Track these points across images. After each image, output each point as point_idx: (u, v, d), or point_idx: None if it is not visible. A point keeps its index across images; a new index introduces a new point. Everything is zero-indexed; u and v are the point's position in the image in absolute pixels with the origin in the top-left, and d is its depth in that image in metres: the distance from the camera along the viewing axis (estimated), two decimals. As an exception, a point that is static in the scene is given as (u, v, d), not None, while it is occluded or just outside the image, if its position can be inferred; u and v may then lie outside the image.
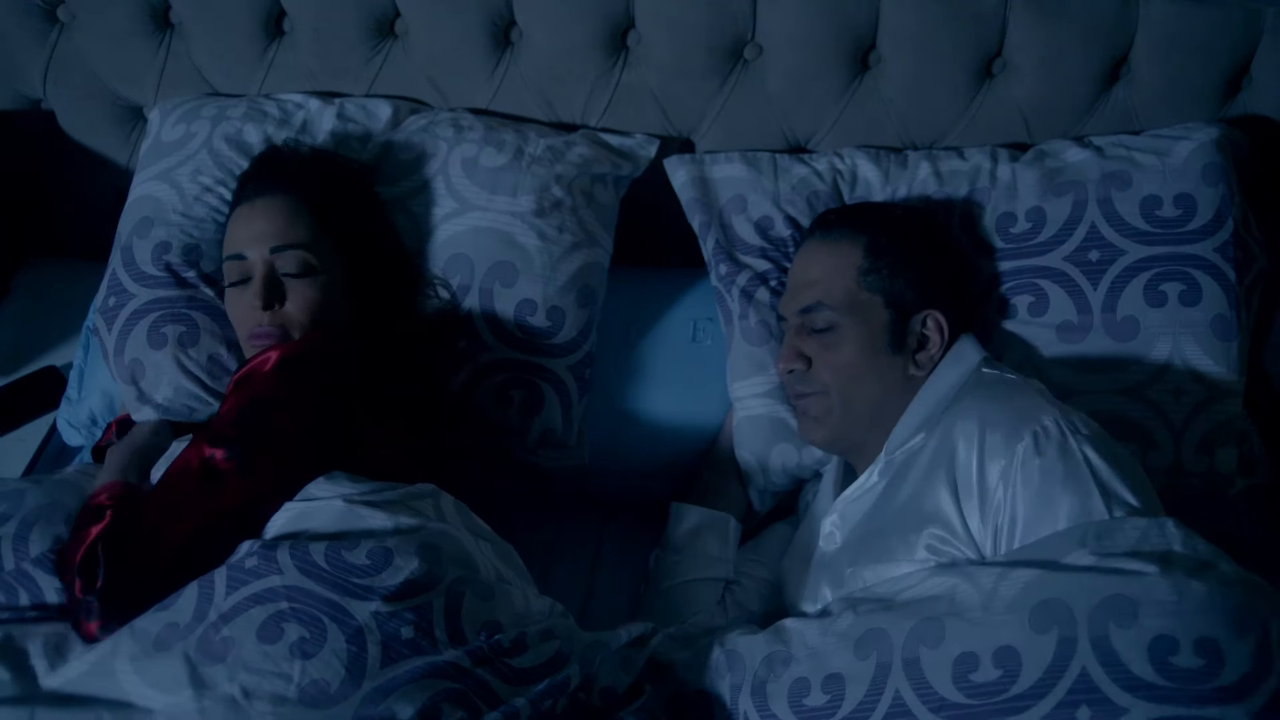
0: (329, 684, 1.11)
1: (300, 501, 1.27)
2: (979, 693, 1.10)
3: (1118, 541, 1.16)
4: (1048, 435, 1.25)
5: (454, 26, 1.69)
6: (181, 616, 1.17)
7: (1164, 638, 1.06)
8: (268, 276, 1.44)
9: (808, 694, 1.20)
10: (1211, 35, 1.60)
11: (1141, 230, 1.53)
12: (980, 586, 1.16)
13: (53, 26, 1.77)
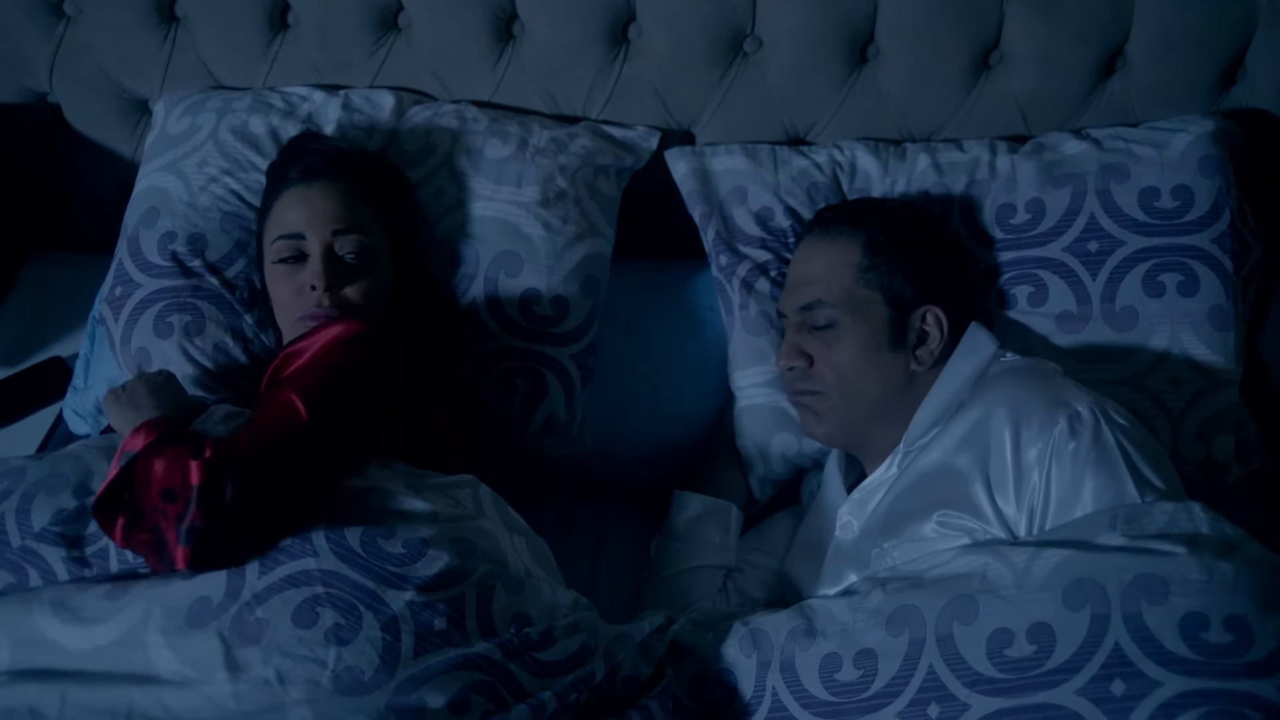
0: (363, 671, 1.13)
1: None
2: (1014, 667, 1.13)
3: (1147, 524, 1.19)
4: (1082, 421, 1.28)
5: (456, 19, 1.70)
6: (214, 591, 1.17)
7: (1195, 614, 1.10)
8: (329, 257, 1.45)
9: (839, 669, 1.23)
10: (1206, 28, 1.62)
11: (1140, 221, 1.55)
12: (1013, 565, 1.19)
13: (59, 20, 1.78)
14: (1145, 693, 1.07)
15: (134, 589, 1.20)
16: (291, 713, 1.11)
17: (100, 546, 1.29)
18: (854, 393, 1.46)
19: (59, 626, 1.18)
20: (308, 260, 1.45)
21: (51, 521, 1.29)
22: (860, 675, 1.21)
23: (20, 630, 1.19)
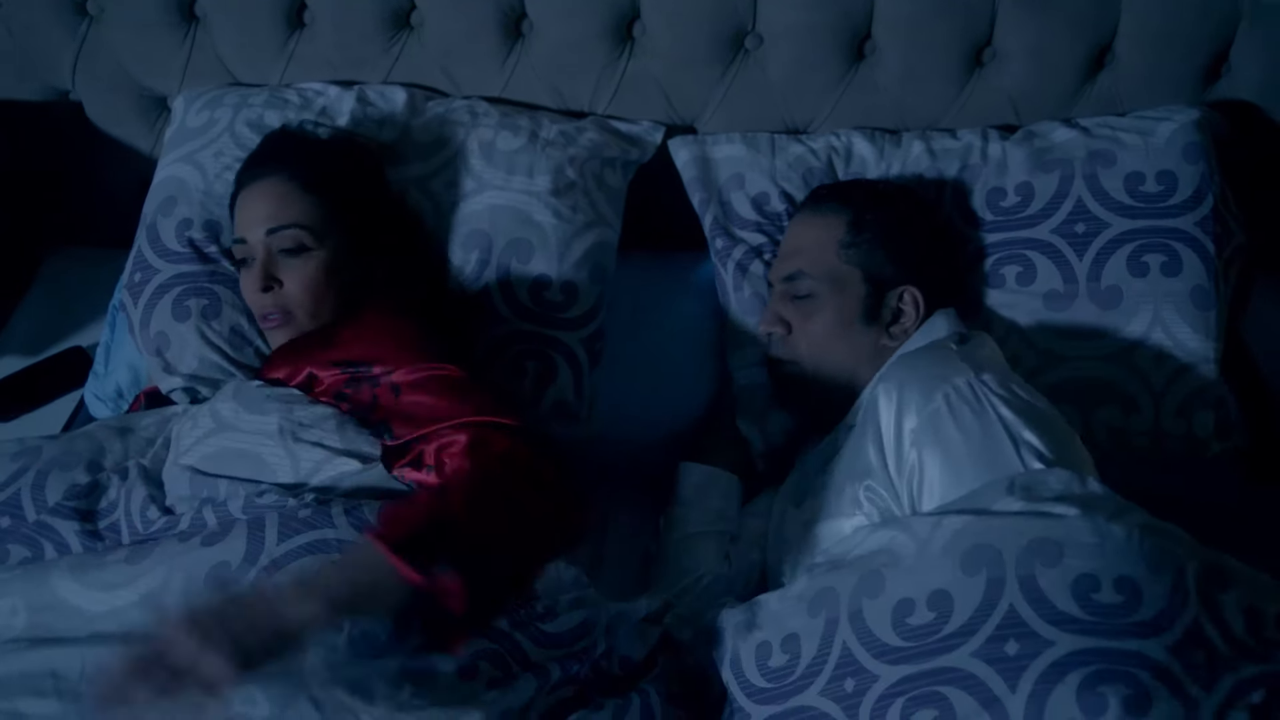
0: (378, 636, 1.15)
1: (348, 457, 1.32)
2: (915, 635, 1.16)
3: (1042, 490, 1.22)
4: (959, 394, 1.32)
5: (467, 18, 1.76)
6: (232, 556, 1.21)
7: (1086, 576, 1.13)
8: (265, 260, 1.49)
9: (770, 656, 1.27)
10: (1192, 23, 1.68)
11: (1125, 204, 1.60)
12: (916, 536, 1.23)
13: (82, 19, 1.84)
14: (1038, 652, 1.10)
15: (153, 554, 1.24)
16: (311, 674, 1.12)
17: (113, 521, 1.35)
18: (821, 362, 1.53)
19: (80, 591, 1.22)
20: (252, 264, 1.50)
21: (65, 496, 1.35)
22: (788, 659, 1.25)
23: (38, 596, 1.23)
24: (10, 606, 1.23)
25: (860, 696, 1.17)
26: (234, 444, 1.36)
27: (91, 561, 1.26)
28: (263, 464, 1.34)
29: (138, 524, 1.34)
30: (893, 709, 1.14)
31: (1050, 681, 1.08)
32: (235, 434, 1.37)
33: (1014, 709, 1.08)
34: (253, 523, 1.24)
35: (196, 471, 1.35)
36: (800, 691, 1.22)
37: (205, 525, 1.28)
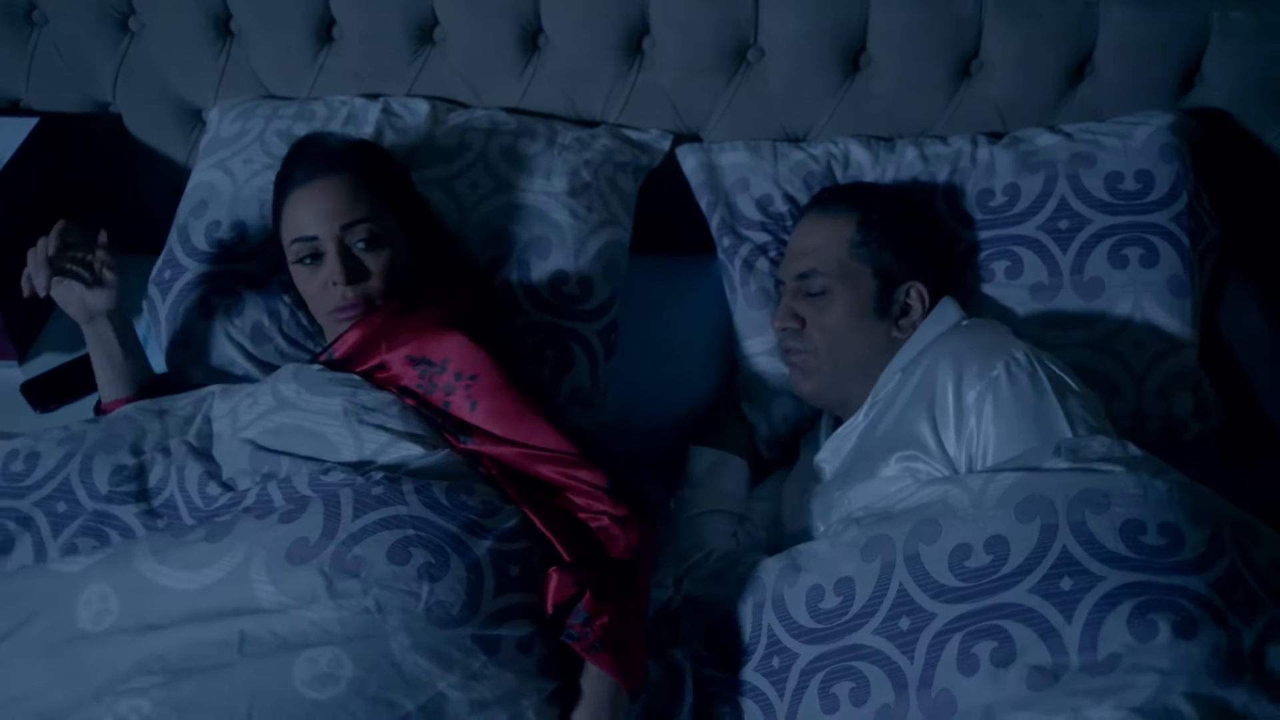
0: (451, 606, 1.24)
1: (411, 441, 1.40)
2: (973, 576, 1.26)
3: (1088, 452, 1.32)
4: (1019, 365, 1.43)
5: (487, 33, 1.88)
6: (310, 532, 1.27)
7: (1133, 521, 1.23)
8: (343, 253, 1.53)
9: (822, 598, 1.36)
10: (1166, 36, 1.79)
11: (1106, 202, 1.71)
12: (970, 489, 1.32)
13: (124, 35, 1.95)
14: (1090, 586, 1.19)
15: (232, 532, 1.30)
16: (392, 639, 1.22)
17: (166, 497, 1.42)
18: (839, 354, 1.61)
19: (166, 572, 1.28)
20: (325, 258, 1.54)
21: (113, 481, 1.41)
22: (841, 601, 1.34)
23: (125, 581, 1.29)
24: (100, 594, 1.29)
25: (916, 634, 1.26)
26: (296, 421, 1.43)
27: (171, 542, 1.32)
28: (326, 442, 1.41)
29: (197, 500, 1.40)
30: (950, 643, 1.23)
31: (1103, 611, 1.18)
32: (298, 412, 1.44)
33: (1070, 638, 1.18)
34: (328, 499, 1.30)
35: (257, 447, 1.42)
36: (854, 631, 1.31)
37: (272, 501, 1.34)
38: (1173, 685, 1.13)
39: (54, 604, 1.30)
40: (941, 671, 1.23)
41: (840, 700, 1.29)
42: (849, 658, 1.31)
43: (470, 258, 1.75)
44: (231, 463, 1.43)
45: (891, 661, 1.27)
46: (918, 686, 1.24)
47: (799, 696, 1.33)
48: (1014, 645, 1.20)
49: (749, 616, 1.42)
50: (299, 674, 1.21)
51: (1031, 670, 1.19)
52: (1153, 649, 1.15)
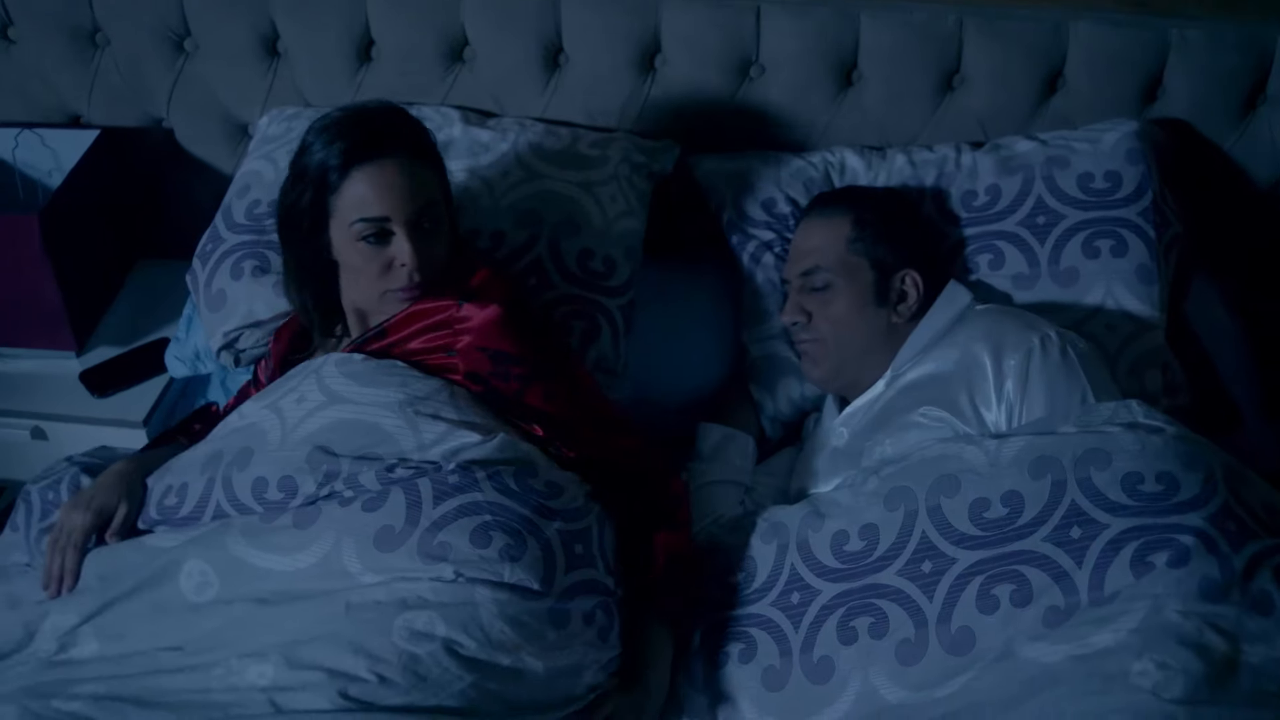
0: (531, 583, 1.37)
1: (467, 429, 1.49)
2: (992, 526, 1.41)
3: (1094, 418, 1.48)
4: (1051, 341, 1.60)
5: (513, 52, 2.05)
6: (395, 520, 1.37)
7: (1133, 473, 1.39)
8: (415, 236, 1.54)
9: (847, 542, 1.50)
10: (1130, 52, 1.96)
11: (1079, 199, 1.87)
12: (985, 449, 1.48)
13: (179, 55, 2.13)
14: (1097, 534, 1.35)
15: (319, 519, 1.40)
16: (481, 607, 1.34)
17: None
18: (845, 340, 1.77)
19: (259, 555, 1.40)
20: (393, 239, 1.54)
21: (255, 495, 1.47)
22: (865, 545, 1.48)
23: (221, 561, 1.41)
24: (200, 569, 1.41)
25: (938, 577, 1.40)
26: (350, 415, 1.49)
27: (260, 527, 1.42)
28: (382, 433, 1.47)
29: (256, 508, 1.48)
30: (971, 586, 1.38)
31: (1109, 555, 1.33)
32: (351, 405, 1.50)
33: (1080, 580, 1.33)
34: (408, 488, 1.40)
35: (316, 447, 1.47)
36: (877, 571, 1.45)
37: (354, 490, 1.42)
38: (1166, 606, 1.28)
39: (157, 575, 1.44)
40: (961, 610, 1.37)
41: (859, 633, 1.43)
42: (870, 595, 1.44)
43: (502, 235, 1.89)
44: (288, 464, 1.47)
45: (912, 601, 1.41)
46: (936, 623, 1.38)
47: (816, 629, 1.46)
48: (1031, 588, 1.35)
49: (771, 557, 1.55)
50: (398, 630, 1.32)
51: (1048, 610, 1.33)
52: (1148, 580, 1.30)
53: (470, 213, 1.91)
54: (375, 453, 1.46)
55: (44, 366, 2.09)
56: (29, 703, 1.37)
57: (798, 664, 1.46)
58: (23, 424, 2.02)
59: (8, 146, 2.15)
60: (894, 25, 1.98)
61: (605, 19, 2.02)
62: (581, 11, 2.02)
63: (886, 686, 1.39)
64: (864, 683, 1.41)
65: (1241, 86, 1.98)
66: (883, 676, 1.40)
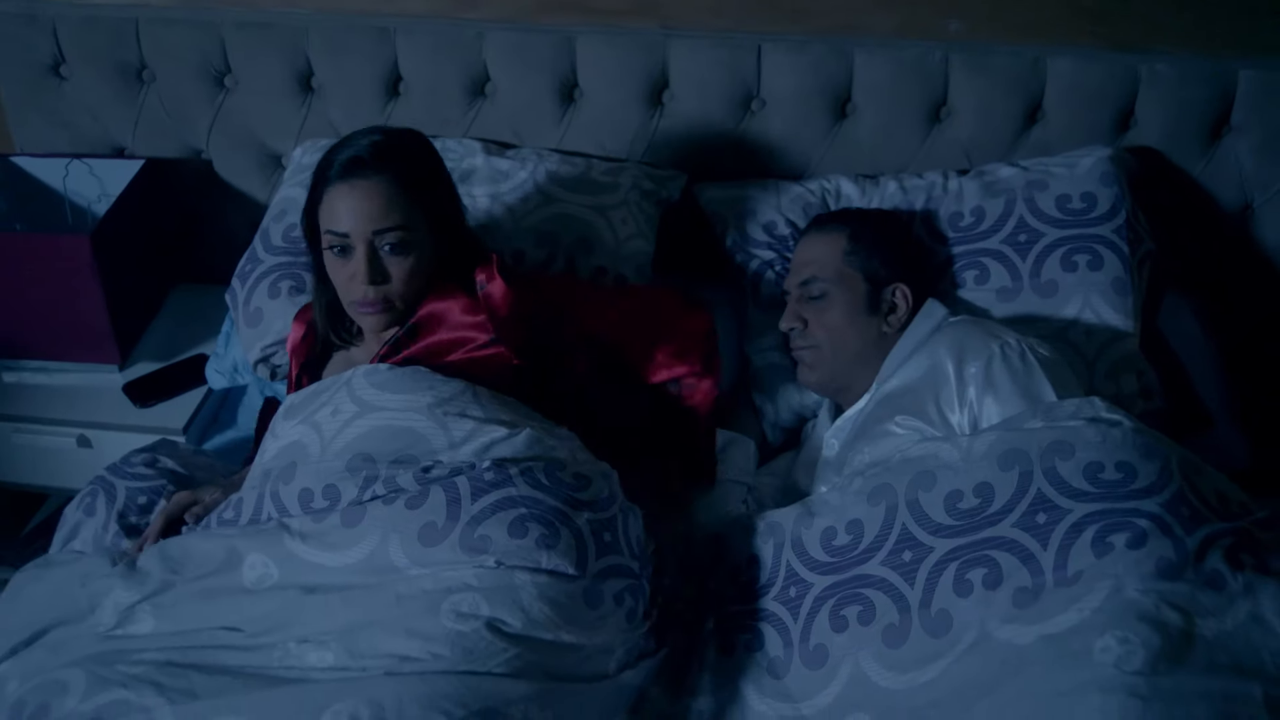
0: (566, 568, 1.46)
1: (494, 424, 1.59)
2: (964, 516, 1.50)
3: (1059, 413, 1.59)
4: (1011, 348, 1.72)
5: (532, 88, 2.21)
6: (436, 517, 1.46)
7: (1094, 463, 1.48)
8: (371, 256, 1.66)
9: (835, 537, 1.59)
10: (1103, 85, 2.12)
11: (1057, 218, 2.01)
12: (959, 446, 1.58)
13: (220, 91, 2.29)
14: (1061, 518, 1.44)
15: (365, 519, 1.48)
16: (521, 590, 1.43)
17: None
18: (838, 346, 1.90)
19: (315, 553, 1.49)
20: (353, 254, 1.67)
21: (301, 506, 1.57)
22: (851, 539, 1.58)
23: (279, 555, 1.50)
24: (261, 561, 1.51)
25: (917, 564, 1.49)
26: (384, 421, 1.59)
27: (312, 527, 1.51)
28: (415, 435, 1.57)
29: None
30: (947, 571, 1.46)
31: (1072, 537, 1.41)
32: (383, 413, 1.59)
33: (1046, 562, 1.41)
34: (447, 486, 1.49)
35: (356, 454, 1.56)
36: (863, 563, 1.54)
37: (395, 490, 1.51)
38: (1125, 585, 1.37)
39: (221, 564, 1.54)
40: (940, 594, 1.46)
41: (849, 621, 1.52)
42: (858, 585, 1.53)
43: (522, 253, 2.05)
44: (330, 473, 1.56)
45: (895, 588, 1.50)
46: (918, 607, 1.47)
47: (811, 619, 1.55)
48: (1001, 571, 1.43)
49: (770, 556, 1.66)
50: (445, 612, 1.42)
51: (1017, 590, 1.41)
52: (1109, 561, 1.39)
53: (492, 234, 2.06)
54: (410, 454, 1.55)
55: (88, 380, 2.22)
56: (94, 668, 1.47)
57: (797, 653, 1.55)
58: (69, 433, 2.14)
59: (58, 175, 2.30)
60: (885, 61, 2.14)
61: (617, 57, 2.18)
62: (595, 50, 2.18)
63: (875, 670, 1.47)
64: (854, 667, 1.49)
65: (1207, 117, 2.13)
66: (871, 660, 1.48)
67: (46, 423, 2.15)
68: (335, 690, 1.37)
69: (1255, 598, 1.38)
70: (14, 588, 1.67)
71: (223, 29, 2.24)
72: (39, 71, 2.29)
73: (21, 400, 2.18)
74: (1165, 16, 2.10)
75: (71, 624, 1.57)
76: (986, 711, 1.35)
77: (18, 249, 2.09)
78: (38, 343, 2.19)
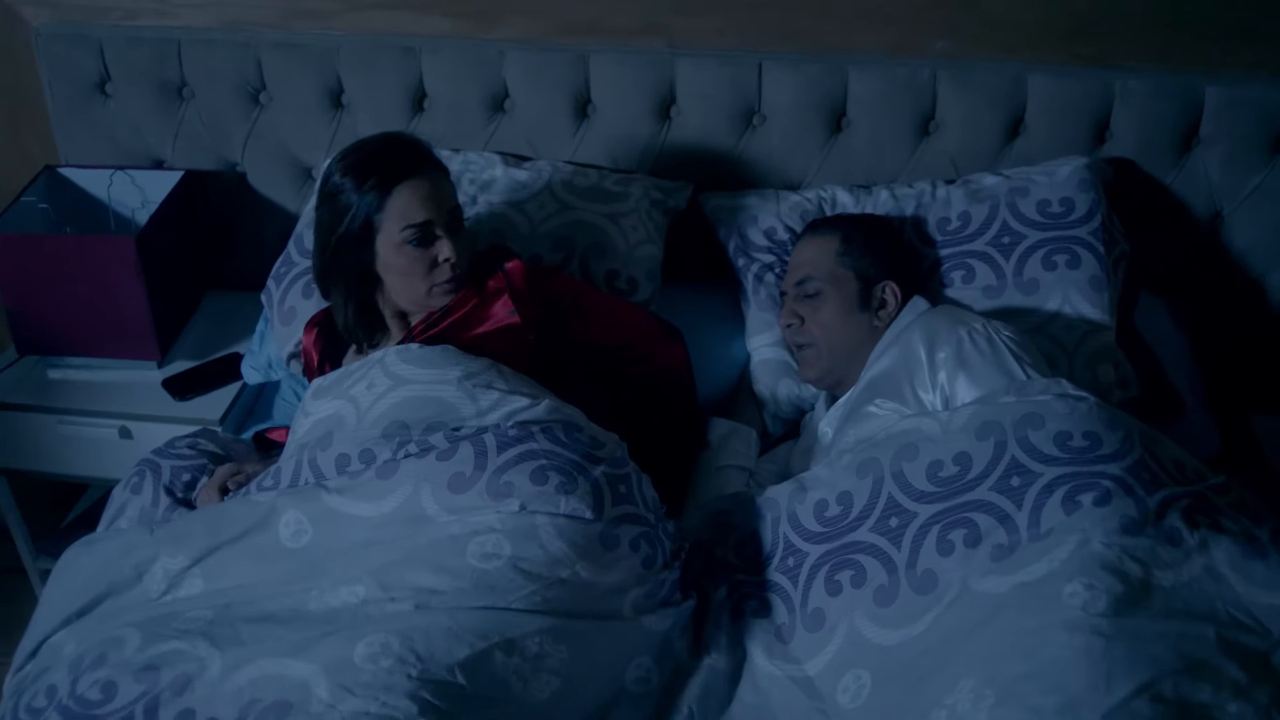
0: (583, 512, 1.61)
1: (517, 395, 1.74)
2: (945, 483, 1.63)
3: (1031, 390, 1.72)
4: (978, 332, 1.85)
5: (548, 103, 2.36)
6: (465, 467, 1.61)
7: (1063, 432, 1.61)
8: (454, 234, 1.86)
9: (827, 509, 1.72)
10: (1080, 100, 2.26)
11: (1038, 221, 2.16)
12: (939, 420, 1.71)
13: (255, 107, 2.44)
14: (1033, 481, 1.57)
15: (399, 471, 1.63)
16: (541, 531, 1.58)
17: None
18: (833, 341, 2.04)
19: (351, 503, 1.62)
20: (436, 241, 1.85)
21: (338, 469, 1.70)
22: (841, 510, 1.70)
23: (316, 511, 1.63)
24: (296, 519, 1.64)
25: (903, 529, 1.62)
26: (416, 393, 1.73)
27: (348, 484, 1.64)
28: (445, 405, 1.71)
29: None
30: (930, 534, 1.58)
31: (1044, 497, 1.55)
32: (415, 385, 1.74)
33: (1020, 520, 1.54)
34: (475, 442, 1.64)
35: (392, 421, 1.70)
36: (853, 530, 1.66)
37: (428, 447, 1.66)
38: (1092, 539, 1.49)
39: (258, 523, 1.67)
40: (924, 555, 1.58)
41: (843, 585, 1.64)
42: (849, 552, 1.65)
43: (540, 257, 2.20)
44: (366, 439, 1.69)
45: (884, 552, 1.62)
46: (905, 568, 1.59)
47: (809, 585, 1.67)
48: (980, 530, 1.55)
49: (769, 530, 1.78)
50: (471, 552, 1.56)
51: (994, 548, 1.53)
52: (1077, 518, 1.52)
53: (511, 239, 2.20)
54: (441, 421, 1.69)
55: (129, 376, 2.36)
56: (149, 627, 1.59)
57: (799, 618, 1.67)
58: (111, 424, 2.28)
59: (102, 186, 2.45)
60: (877, 78, 2.29)
61: (628, 75, 2.33)
62: (607, 69, 2.34)
63: (868, 627, 1.59)
64: (850, 626, 1.60)
65: (1177, 130, 2.28)
66: (864, 619, 1.58)
67: (90, 414, 2.29)
68: (368, 623, 1.49)
69: (1209, 553, 1.50)
70: (62, 565, 1.78)
71: (259, 49, 2.39)
72: (86, 89, 2.45)
73: (66, 394, 2.32)
74: (1137, 37, 2.26)
75: (121, 594, 1.69)
76: (969, 651, 1.46)
77: (69, 250, 2.24)
78: (83, 340, 2.33)
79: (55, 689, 1.55)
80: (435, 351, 1.81)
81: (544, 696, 1.48)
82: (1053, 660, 1.38)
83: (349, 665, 1.43)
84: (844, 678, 1.56)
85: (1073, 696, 1.33)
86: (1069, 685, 1.35)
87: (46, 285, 2.25)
